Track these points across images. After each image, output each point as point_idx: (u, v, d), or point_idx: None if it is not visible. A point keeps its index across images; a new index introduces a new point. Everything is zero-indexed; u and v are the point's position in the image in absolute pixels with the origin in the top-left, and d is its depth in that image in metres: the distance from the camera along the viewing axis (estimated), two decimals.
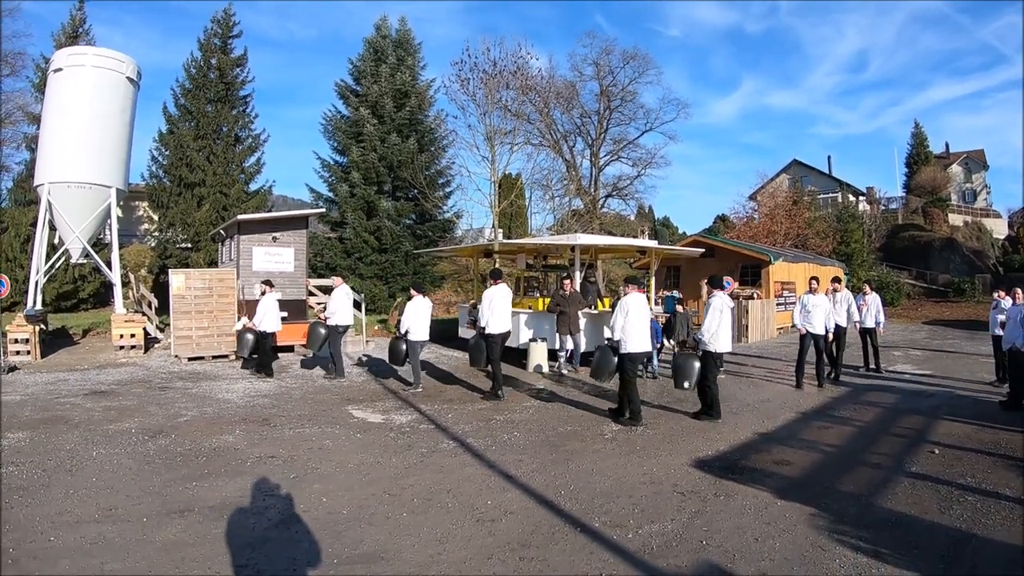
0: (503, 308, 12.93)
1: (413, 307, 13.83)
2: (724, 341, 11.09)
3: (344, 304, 15.21)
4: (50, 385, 13.94)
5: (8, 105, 31.72)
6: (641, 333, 10.83)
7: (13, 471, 8.03)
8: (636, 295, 10.97)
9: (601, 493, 7.33)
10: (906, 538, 6.11)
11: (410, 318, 13.73)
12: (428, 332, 14.16)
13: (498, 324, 12.82)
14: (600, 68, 45.12)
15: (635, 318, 10.76)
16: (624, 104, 45.47)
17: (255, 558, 5.67)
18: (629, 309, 10.75)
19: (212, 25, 34.70)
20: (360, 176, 32.63)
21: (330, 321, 15.05)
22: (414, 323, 13.68)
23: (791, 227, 42.91)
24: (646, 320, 11.08)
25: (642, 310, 10.93)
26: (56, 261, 21.79)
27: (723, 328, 10.96)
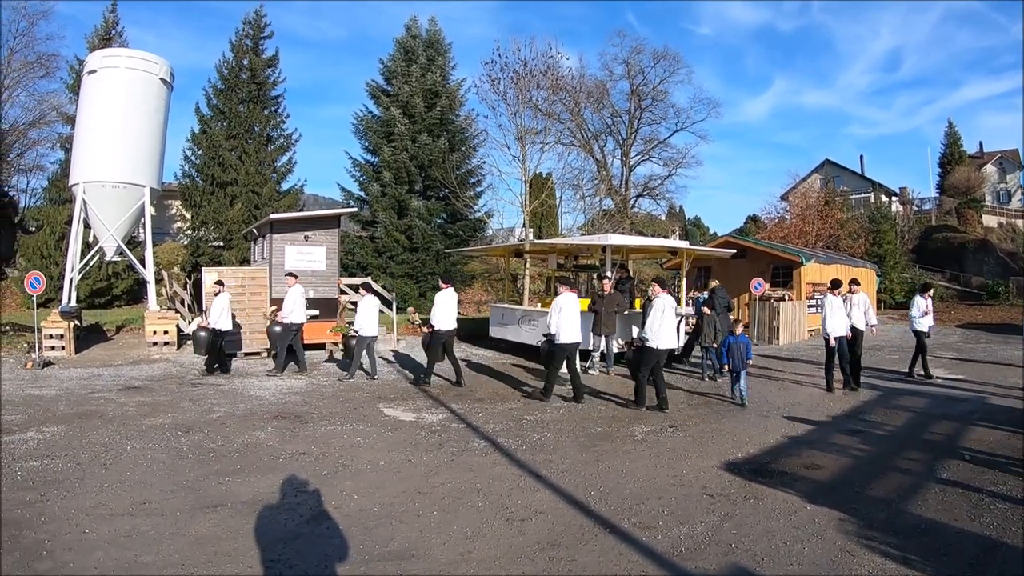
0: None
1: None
2: (666, 338, 11.89)
3: (300, 303, 15.34)
4: (84, 380, 14.08)
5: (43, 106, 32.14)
6: (572, 327, 12.40)
7: (48, 464, 8.11)
8: (568, 295, 12.59)
9: (631, 494, 7.28)
10: (935, 545, 6.01)
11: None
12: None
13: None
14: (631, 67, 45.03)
15: (567, 314, 12.34)
16: (655, 103, 45.34)
17: (286, 553, 5.68)
18: (562, 307, 12.34)
19: (243, 26, 35.11)
20: (391, 175, 32.70)
21: (285, 320, 15.13)
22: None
23: (823, 228, 42.41)
24: (578, 316, 12.62)
25: (575, 308, 12.54)
26: (90, 259, 22.03)
27: (665, 326, 11.80)
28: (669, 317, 11.88)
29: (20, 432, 9.65)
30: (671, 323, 12.00)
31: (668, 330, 11.89)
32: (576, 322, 12.57)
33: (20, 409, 11.17)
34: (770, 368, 17.10)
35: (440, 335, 14.00)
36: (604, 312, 15.68)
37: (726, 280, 25.95)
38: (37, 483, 7.40)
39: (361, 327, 14.77)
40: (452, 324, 14.22)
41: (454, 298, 14.49)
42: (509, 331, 19.26)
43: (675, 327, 12.43)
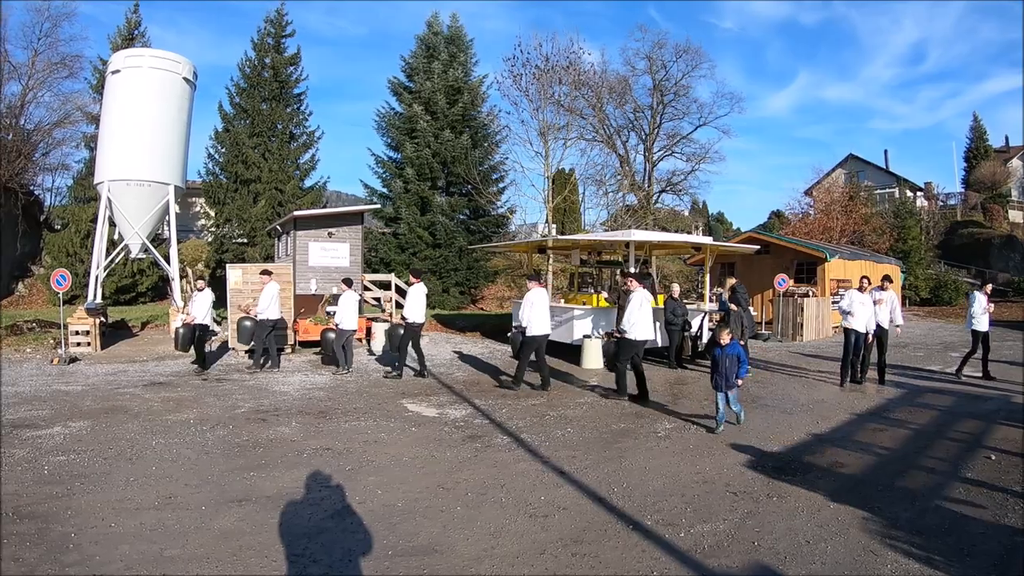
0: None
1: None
2: (642, 330, 12.23)
3: (275, 300, 15.37)
4: (110, 376, 14.20)
5: (67, 106, 32.38)
6: (542, 320, 13.16)
7: (75, 459, 8.19)
8: (538, 289, 13.39)
9: (654, 491, 7.24)
10: (959, 545, 5.92)
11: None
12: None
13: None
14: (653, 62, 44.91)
15: (538, 308, 13.10)
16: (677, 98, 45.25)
17: (311, 548, 5.70)
18: (533, 302, 13.13)
19: (265, 25, 35.25)
20: (414, 172, 32.71)
21: (260, 316, 15.15)
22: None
23: (847, 223, 41.90)
24: (547, 309, 13.43)
25: (544, 302, 13.34)
26: (116, 256, 22.20)
27: (642, 318, 12.17)
28: (646, 310, 12.31)
29: (47, 427, 9.75)
30: (647, 315, 12.37)
31: (645, 322, 12.28)
32: (546, 315, 13.35)
33: (47, 404, 11.28)
34: (795, 365, 16.92)
35: (413, 327, 14.48)
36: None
37: (750, 276, 25.85)
38: (64, 477, 7.47)
39: (341, 320, 15.05)
40: (422, 317, 14.81)
41: (424, 292, 14.95)
42: None
43: (651, 319, 12.63)
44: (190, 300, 14.78)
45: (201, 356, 14.81)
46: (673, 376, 15.19)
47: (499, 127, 34.79)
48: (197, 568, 5.34)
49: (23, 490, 7.04)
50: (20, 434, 9.33)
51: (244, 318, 15.52)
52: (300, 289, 18.77)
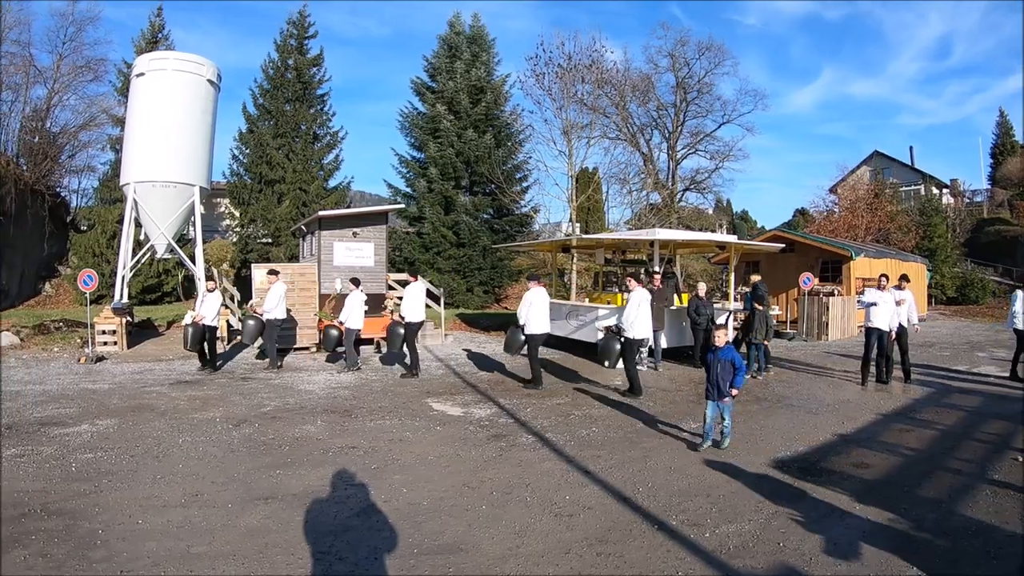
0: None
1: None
2: (641, 328, 12.63)
3: (282, 301, 15.51)
4: (136, 375, 14.31)
5: (92, 108, 32.68)
6: (541, 319, 13.44)
7: (102, 456, 8.25)
8: (537, 288, 13.62)
9: (679, 491, 7.21)
10: (985, 547, 5.85)
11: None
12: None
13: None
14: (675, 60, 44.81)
15: (537, 307, 13.37)
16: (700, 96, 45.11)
17: (336, 546, 5.72)
18: (532, 301, 13.38)
19: (288, 26, 35.32)
20: (438, 171, 32.75)
21: (266, 316, 15.25)
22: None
23: (872, 221, 41.59)
24: (547, 308, 13.65)
25: (544, 301, 13.57)
26: (141, 256, 22.35)
27: (640, 317, 12.57)
28: (644, 309, 12.68)
29: (75, 425, 9.83)
30: (646, 315, 12.72)
31: (643, 321, 12.65)
32: (545, 314, 13.63)
33: (74, 403, 11.37)
34: (820, 365, 16.78)
35: (412, 326, 14.68)
36: (654, 307, 15.48)
37: (775, 275, 25.67)
38: (91, 474, 7.52)
39: (347, 319, 15.22)
40: (421, 316, 15.04)
41: (423, 291, 15.33)
42: (557, 326, 19.15)
43: (650, 318, 13.01)
44: (199, 300, 14.82)
45: (213, 356, 14.94)
46: (698, 375, 15.03)
47: (522, 126, 34.78)
48: (223, 565, 5.36)
49: (51, 487, 7.10)
50: (48, 432, 9.42)
51: (249, 317, 15.55)
52: (325, 289, 18.82)
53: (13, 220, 27.07)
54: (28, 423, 9.90)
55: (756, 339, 14.82)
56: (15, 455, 8.27)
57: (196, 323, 14.61)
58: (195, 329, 14.57)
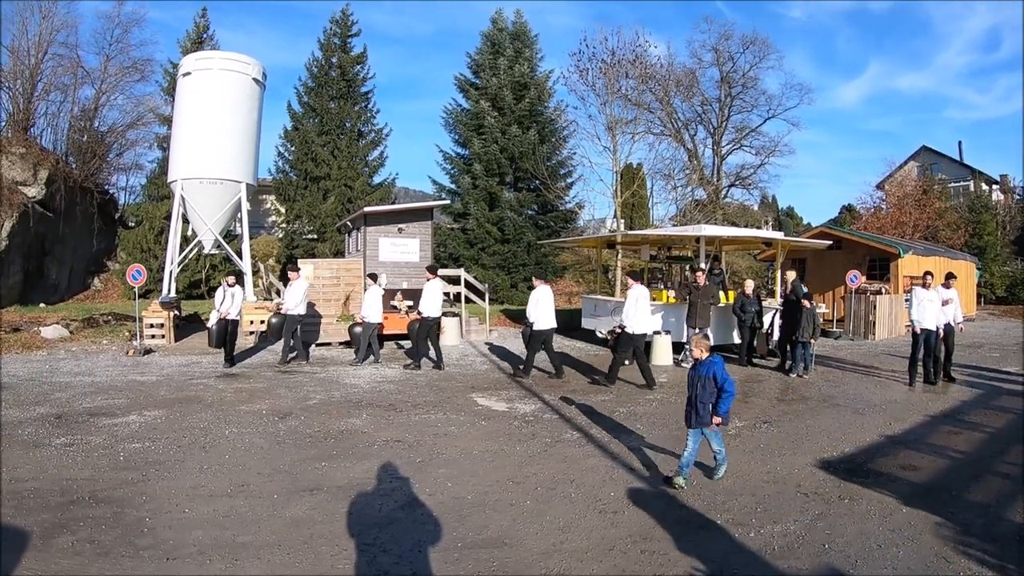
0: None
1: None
2: (639, 324, 13.07)
3: (303, 297, 15.63)
4: (184, 367, 14.49)
5: (139, 108, 33.34)
6: (548, 315, 13.93)
7: (150, 446, 8.34)
8: (543, 287, 14.15)
9: (724, 490, 7.13)
10: None
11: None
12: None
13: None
14: (719, 54, 44.36)
15: (544, 305, 13.90)
16: (745, 90, 44.62)
17: (381, 538, 5.72)
18: (539, 299, 13.93)
19: (331, 25, 35.76)
20: (482, 168, 32.81)
21: (290, 312, 15.30)
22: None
23: (920, 218, 40.69)
24: (552, 305, 14.16)
25: (550, 298, 14.11)
26: (189, 252, 22.60)
27: (639, 313, 13.03)
28: (643, 305, 13.14)
29: (123, 415, 9.96)
30: (645, 311, 13.20)
31: (643, 317, 13.13)
32: (551, 311, 14.10)
33: (123, 394, 11.51)
34: (867, 364, 16.43)
35: (428, 321, 14.95)
36: (699, 304, 15.29)
37: (821, 272, 25.33)
38: (139, 464, 7.61)
39: (367, 315, 15.41)
40: (437, 312, 15.30)
41: (440, 288, 15.65)
42: (601, 322, 19.02)
43: (649, 314, 13.49)
44: (221, 297, 14.90)
45: (231, 351, 15.01)
46: (743, 374, 14.87)
47: (566, 122, 34.82)
48: (269, 555, 5.39)
49: (99, 475, 7.19)
50: (97, 422, 9.54)
51: (273, 314, 15.62)
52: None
53: (63, 217, 27.66)
54: (77, 413, 10.04)
55: (803, 337, 14.54)
56: (64, 444, 8.39)
57: (221, 320, 14.72)
58: (219, 326, 14.71)
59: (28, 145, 27.49)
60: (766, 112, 44.72)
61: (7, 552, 5.33)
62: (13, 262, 25.03)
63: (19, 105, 29.03)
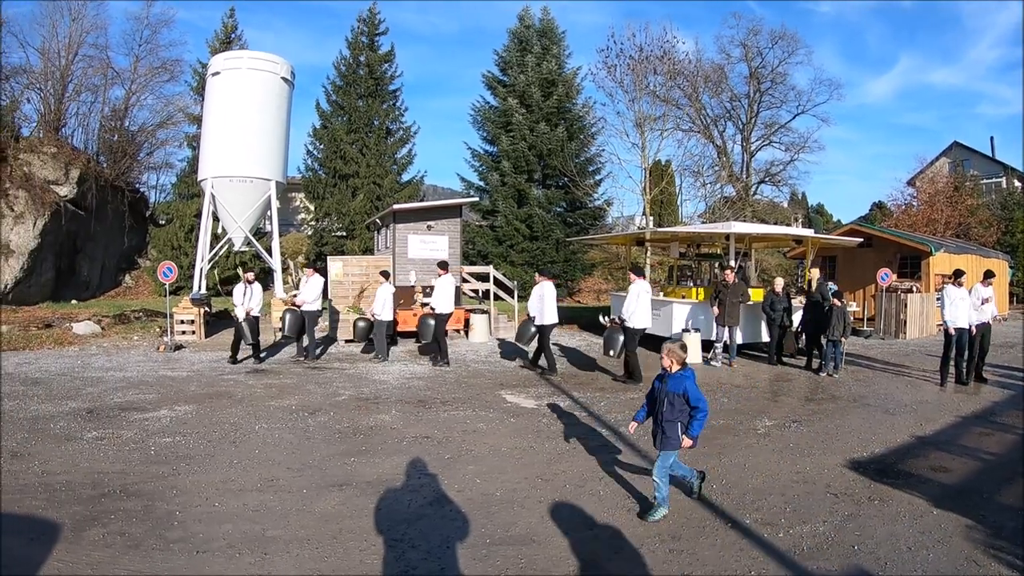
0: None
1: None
2: (640, 319, 13.18)
3: (318, 294, 15.68)
4: (214, 363, 14.59)
5: (169, 107, 33.74)
6: (551, 311, 14.17)
7: (180, 441, 8.42)
8: (547, 283, 14.42)
9: (752, 489, 7.08)
10: None
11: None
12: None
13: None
14: (748, 49, 43.99)
15: (548, 300, 14.12)
16: (774, 86, 44.17)
17: (409, 533, 5.73)
18: (543, 295, 14.15)
19: (359, 24, 35.88)
20: (510, 165, 32.84)
21: (305, 308, 15.31)
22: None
23: (952, 215, 40.06)
24: (555, 301, 14.39)
25: (553, 294, 14.35)
26: (219, 249, 22.77)
27: (640, 308, 13.13)
28: (644, 301, 13.21)
29: (154, 410, 10.05)
30: (645, 306, 13.26)
31: (643, 312, 13.20)
32: (554, 306, 14.34)
33: (153, 389, 11.62)
34: (898, 364, 16.17)
35: (442, 317, 15.12)
36: (728, 302, 15.14)
37: (852, 270, 25.05)
38: (169, 458, 7.67)
39: (378, 312, 15.34)
40: (450, 308, 15.39)
41: (452, 284, 15.66)
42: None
43: (649, 309, 13.53)
44: (244, 293, 14.95)
45: (258, 346, 15.12)
46: (772, 372, 14.75)
47: (594, 119, 34.74)
48: (298, 549, 5.42)
49: (130, 469, 7.26)
50: (128, 416, 9.63)
51: (288, 310, 15.66)
52: (399, 281, 18.91)
53: (94, 215, 28.02)
54: (109, 408, 10.14)
55: (834, 336, 14.37)
56: (96, 438, 8.49)
57: (248, 316, 14.78)
58: (250, 323, 14.77)
59: (59, 145, 27.87)
60: (795, 108, 44.33)
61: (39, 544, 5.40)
62: (45, 259, 25.37)
63: (50, 106, 29.44)
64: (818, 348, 14.89)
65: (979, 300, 13.49)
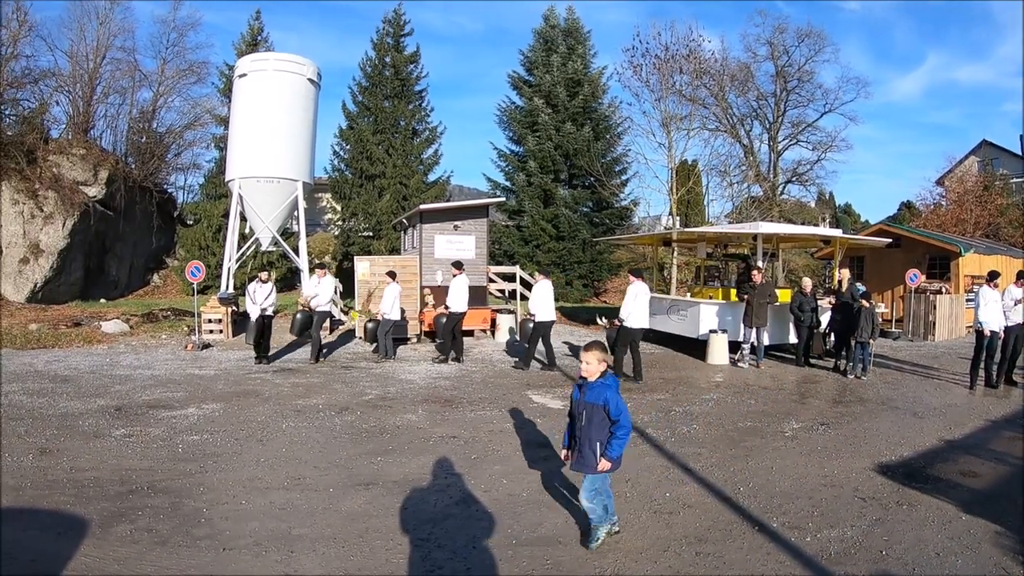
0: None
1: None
2: (638, 319, 13.50)
3: (329, 294, 15.81)
4: (241, 362, 14.69)
5: (196, 109, 34.09)
6: (548, 309, 14.56)
7: (208, 439, 8.45)
8: (544, 282, 14.92)
9: (780, 493, 7.00)
10: None
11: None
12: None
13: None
14: (774, 48, 43.50)
15: (545, 298, 14.54)
16: (801, 85, 43.60)
17: (436, 533, 5.73)
18: (542, 294, 14.55)
19: (384, 25, 35.84)
20: (536, 165, 32.81)
21: (320, 309, 15.38)
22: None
23: (981, 215, 39.46)
24: (552, 299, 14.86)
25: (550, 293, 14.80)
26: (247, 249, 22.90)
27: (637, 309, 13.46)
28: (642, 301, 13.53)
29: (181, 408, 10.11)
30: (643, 306, 13.57)
31: (641, 312, 13.52)
32: (551, 304, 14.78)
33: (181, 387, 11.70)
34: (926, 366, 15.96)
35: (455, 316, 15.48)
36: (756, 303, 15.00)
37: (880, 271, 24.76)
38: (197, 456, 7.72)
39: (385, 312, 15.52)
40: (464, 307, 15.65)
41: (466, 284, 15.84)
42: (657, 321, 18.80)
43: (647, 309, 13.77)
44: (267, 291, 14.99)
45: (266, 346, 15.13)
46: (800, 374, 14.61)
47: (621, 118, 34.57)
48: (324, 547, 5.43)
49: (158, 466, 7.31)
50: (156, 414, 9.70)
51: (299, 311, 15.69)
52: (426, 280, 18.94)
53: (123, 215, 28.32)
54: (137, 406, 10.21)
55: (862, 338, 14.20)
56: (124, 435, 8.55)
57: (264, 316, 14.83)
58: (262, 322, 14.82)
59: (88, 147, 28.17)
60: (822, 106, 43.75)
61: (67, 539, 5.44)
62: (75, 259, 25.63)
63: (79, 108, 29.79)
64: (847, 350, 14.71)
65: (1012, 301, 13.27)
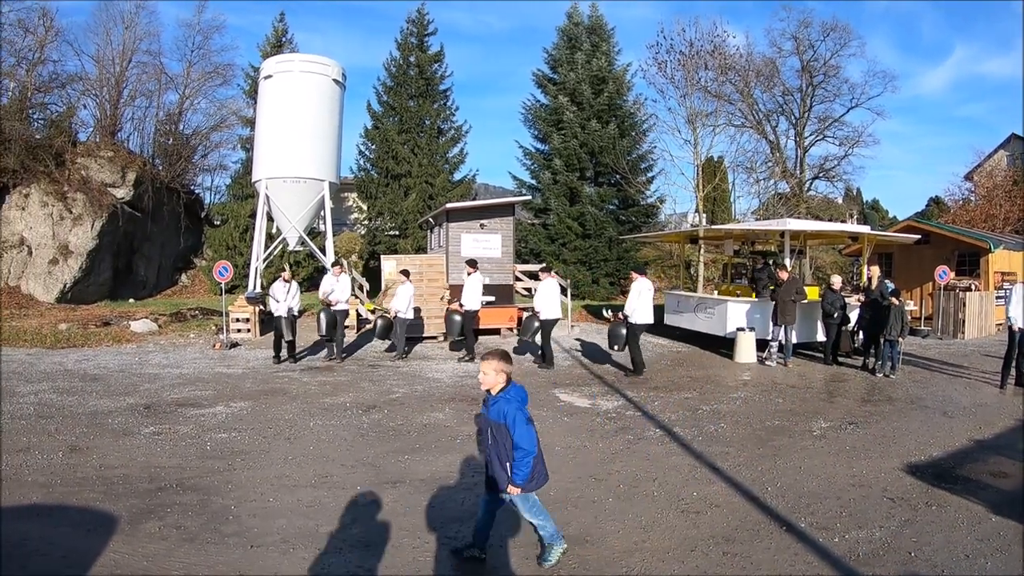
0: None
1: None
2: (642, 315, 13.80)
3: (346, 291, 15.95)
4: (269, 360, 14.75)
5: (222, 111, 34.36)
6: (554, 307, 14.74)
7: (236, 436, 8.51)
8: (550, 280, 15.05)
9: (808, 493, 6.94)
10: None
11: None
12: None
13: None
14: (799, 42, 43.14)
15: (552, 297, 14.69)
16: (827, 79, 43.19)
17: (463, 532, 5.72)
18: (549, 290, 14.74)
19: (407, 25, 35.89)
20: (562, 163, 32.71)
21: (339, 308, 15.48)
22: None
23: (1011, 210, 38.72)
24: (558, 298, 15.12)
25: (556, 291, 15.00)
26: (274, 248, 23.03)
27: (642, 305, 13.76)
28: (646, 297, 13.83)
29: (210, 406, 10.19)
30: (647, 302, 13.87)
31: (645, 308, 13.81)
32: (556, 303, 14.94)
33: (209, 386, 11.78)
34: (956, 365, 15.70)
35: (468, 314, 15.74)
36: (782, 300, 14.85)
37: (908, 268, 24.48)
38: (225, 453, 7.77)
39: (399, 309, 15.60)
40: (478, 304, 16.00)
41: (480, 282, 16.18)
42: (684, 319, 18.72)
43: (651, 306, 14.09)
44: (289, 289, 15.02)
45: (293, 344, 15.15)
46: (828, 372, 14.46)
47: (646, 115, 34.35)
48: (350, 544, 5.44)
49: (187, 464, 7.36)
50: (184, 412, 9.77)
51: (322, 309, 15.71)
52: (453, 279, 18.95)
53: (151, 216, 28.58)
54: (166, 404, 10.30)
55: (891, 336, 14.02)
56: (153, 433, 8.63)
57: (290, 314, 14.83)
58: (289, 321, 14.83)
59: (116, 149, 28.44)
60: (849, 101, 43.33)
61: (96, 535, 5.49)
62: (103, 260, 25.85)
63: (106, 111, 30.10)
64: (876, 348, 14.53)
65: None
